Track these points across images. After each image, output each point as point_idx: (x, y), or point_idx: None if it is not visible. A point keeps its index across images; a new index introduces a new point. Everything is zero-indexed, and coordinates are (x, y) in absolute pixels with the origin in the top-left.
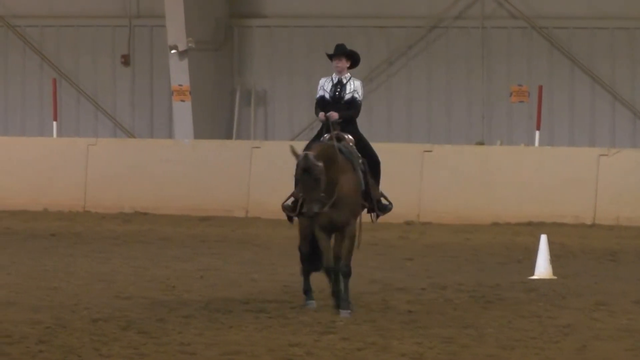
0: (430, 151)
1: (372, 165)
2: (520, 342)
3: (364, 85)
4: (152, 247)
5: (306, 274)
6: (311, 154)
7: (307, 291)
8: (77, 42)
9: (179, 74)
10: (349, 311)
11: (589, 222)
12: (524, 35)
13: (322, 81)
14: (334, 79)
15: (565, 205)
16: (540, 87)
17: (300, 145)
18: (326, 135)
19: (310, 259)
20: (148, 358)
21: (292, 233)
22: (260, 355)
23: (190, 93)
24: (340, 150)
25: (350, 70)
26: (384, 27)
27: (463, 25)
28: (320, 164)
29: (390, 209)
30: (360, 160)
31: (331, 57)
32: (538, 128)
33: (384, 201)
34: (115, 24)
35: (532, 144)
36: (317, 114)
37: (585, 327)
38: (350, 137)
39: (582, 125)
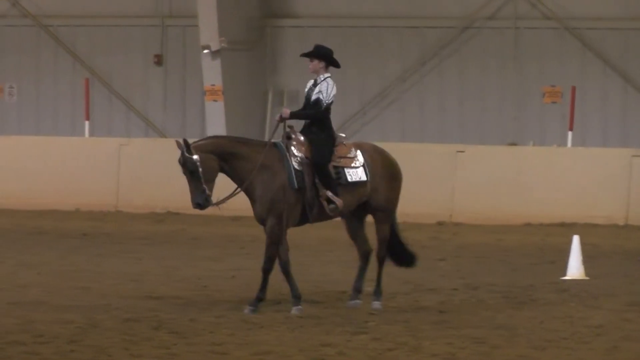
0: (463, 152)
1: (316, 167)
2: (551, 343)
3: (330, 86)
4: (183, 247)
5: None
6: (192, 146)
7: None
8: (110, 42)
9: (212, 73)
10: (251, 308)
11: (621, 222)
12: (556, 36)
13: (308, 83)
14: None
15: (597, 206)
16: (573, 88)
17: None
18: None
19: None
20: (179, 358)
21: (324, 234)
22: (291, 355)
23: (222, 93)
24: (278, 147)
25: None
26: (417, 28)
27: (495, 25)
28: (196, 156)
29: (333, 210)
30: (294, 159)
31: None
32: (571, 129)
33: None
34: (148, 23)
35: (565, 144)
36: None
37: (617, 328)
38: (301, 137)
39: (615, 126)
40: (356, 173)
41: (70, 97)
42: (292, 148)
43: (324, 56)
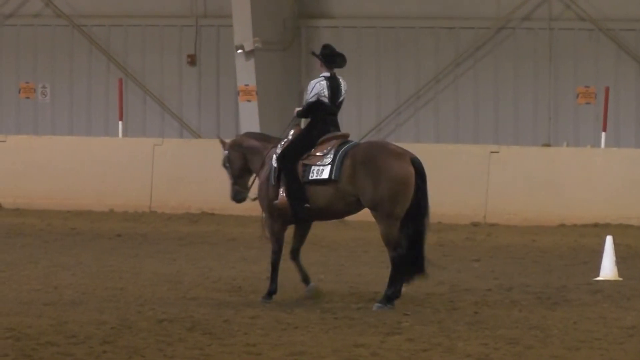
0: (497, 152)
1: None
2: (585, 344)
3: (311, 86)
4: (218, 248)
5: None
6: (227, 143)
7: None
8: (144, 42)
9: (246, 74)
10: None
11: None
12: (590, 37)
13: None
14: None
15: (631, 207)
16: (607, 89)
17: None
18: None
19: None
20: (213, 359)
21: (360, 234)
22: (325, 356)
23: (256, 93)
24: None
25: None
26: (452, 28)
27: (530, 26)
28: (225, 152)
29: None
30: (274, 157)
31: None
32: (604, 130)
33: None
34: (182, 23)
35: (598, 145)
36: None
37: None
38: (290, 136)
39: None
40: (319, 171)
41: (104, 97)
42: (279, 146)
43: (319, 56)
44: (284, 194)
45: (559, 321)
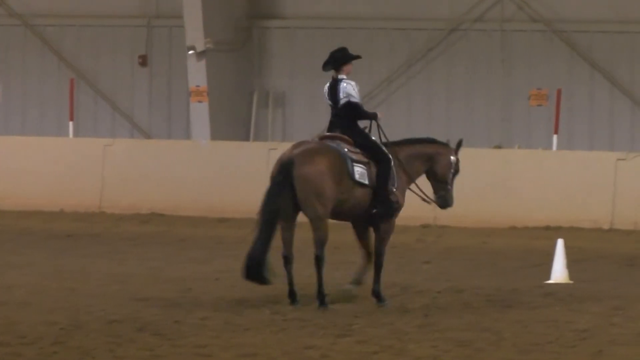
0: None
1: None
2: (537, 347)
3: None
4: (169, 249)
5: None
6: None
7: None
8: (95, 42)
9: (197, 74)
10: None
11: (606, 226)
12: (543, 39)
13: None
14: None
15: (583, 210)
16: (559, 91)
17: None
18: None
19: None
20: None
21: (308, 235)
22: (275, 357)
23: (207, 94)
24: None
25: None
26: (404, 29)
27: (483, 28)
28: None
29: None
30: None
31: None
32: (556, 132)
33: None
34: (134, 24)
35: (551, 147)
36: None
37: (603, 332)
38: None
39: (601, 129)
40: None
41: (55, 97)
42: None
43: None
44: None
45: (510, 324)
